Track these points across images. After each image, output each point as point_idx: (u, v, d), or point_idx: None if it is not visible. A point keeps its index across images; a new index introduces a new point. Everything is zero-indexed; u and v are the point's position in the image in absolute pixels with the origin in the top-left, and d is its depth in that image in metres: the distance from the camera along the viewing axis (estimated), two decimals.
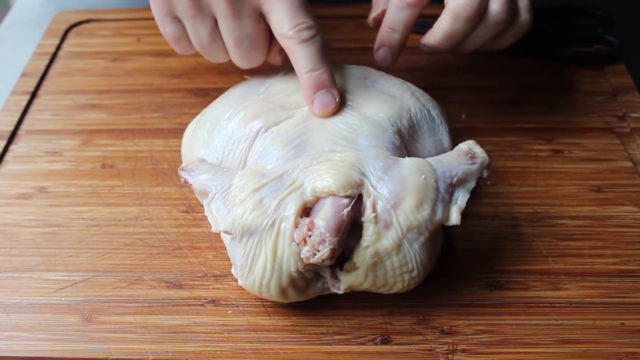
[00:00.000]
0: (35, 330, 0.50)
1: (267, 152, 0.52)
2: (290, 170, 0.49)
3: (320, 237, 0.46)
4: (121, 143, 0.65)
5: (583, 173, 0.61)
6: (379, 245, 0.47)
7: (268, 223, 0.47)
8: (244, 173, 0.50)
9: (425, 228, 0.48)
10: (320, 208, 0.47)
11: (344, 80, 0.57)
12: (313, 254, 0.46)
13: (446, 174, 0.50)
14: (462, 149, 0.52)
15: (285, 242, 0.47)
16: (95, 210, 0.59)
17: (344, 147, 0.51)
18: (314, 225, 0.46)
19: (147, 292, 0.52)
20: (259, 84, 0.59)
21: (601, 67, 0.72)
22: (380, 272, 0.48)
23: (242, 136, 0.55)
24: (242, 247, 0.48)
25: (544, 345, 0.49)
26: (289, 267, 0.47)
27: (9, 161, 0.64)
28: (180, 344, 0.49)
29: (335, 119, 0.53)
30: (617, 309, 0.51)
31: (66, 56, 0.77)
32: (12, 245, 0.56)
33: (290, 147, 0.52)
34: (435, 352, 0.48)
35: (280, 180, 0.49)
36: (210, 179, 0.51)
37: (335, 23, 0.80)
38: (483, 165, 0.51)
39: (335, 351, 0.48)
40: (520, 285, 0.52)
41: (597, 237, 0.56)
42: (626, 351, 0.48)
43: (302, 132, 0.53)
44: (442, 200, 0.49)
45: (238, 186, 0.49)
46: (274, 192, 0.48)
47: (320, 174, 0.48)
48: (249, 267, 0.48)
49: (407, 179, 0.48)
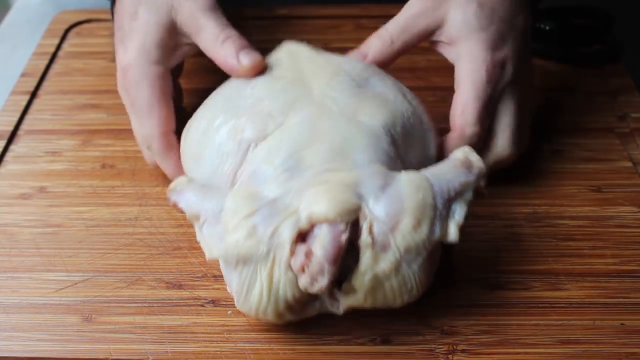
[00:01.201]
0: (35, 331, 0.50)
1: (259, 171, 0.50)
2: (284, 194, 0.48)
3: (319, 267, 0.45)
4: (121, 143, 0.65)
5: (583, 173, 0.61)
6: (377, 269, 0.46)
7: (263, 251, 0.46)
8: (235, 196, 0.48)
9: (423, 248, 0.47)
10: (316, 234, 0.46)
11: (334, 78, 0.55)
12: (312, 283, 0.45)
13: (444, 189, 0.49)
14: (459, 158, 0.51)
15: (281, 271, 0.46)
16: (95, 210, 0.59)
17: (340, 164, 0.49)
18: (312, 253, 0.45)
19: (147, 292, 0.52)
20: (244, 84, 0.56)
21: (601, 67, 0.72)
22: (379, 294, 0.47)
23: (231, 150, 0.53)
24: (237, 275, 0.47)
25: (544, 345, 0.49)
26: (285, 294, 0.46)
27: (9, 161, 0.64)
28: (180, 344, 0.49)
29: (329, 128, 0.51)
30: (617, 309, 0.51)
31: (66, 56, 0.77)
32: (11, 246, 0.56)
33: (284, 167, 0.49)
34: (435, 352, 0.48)
35: (274, 205, 0.47)
36: (200, 202, 0.49)
37: (335, 23, 0.80)
38: (480, 175, 0.50)
39: (335, 351, 0.48)
40: (520, 285, 0.52)
41: (597, 237, 0.56)
42: (626, 351, 0.48)
43: (295, 148, 0.50)
44: (440, 217, 0.48)
45: (230, 211, 0.47)
46: (268, 219, 0.46)
47: (317, 198, 0.46)
48: (245, 294, 0.47)
49: (405, 198, 0.47)
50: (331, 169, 0.49)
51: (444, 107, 0.59)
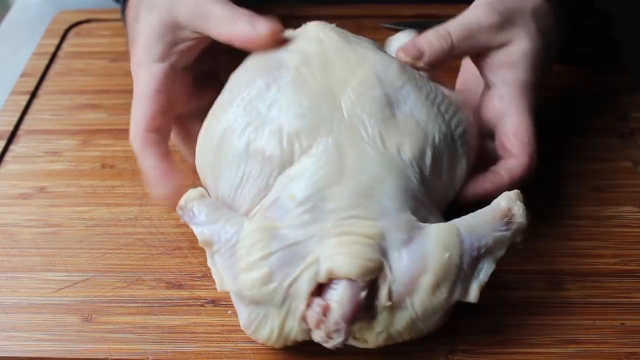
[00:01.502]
0: (35, 331, 0.50)
1: (281, 204, 0.47)
2: (304, 239, 0.46)
3: (335, 326, 0.44)
4: (121, 143, 0.65)
5: (583, 173, 0.61)
6: (393, 329, 0.45)
7: (278, 301, 0.45)
8: (252, 229, 0.46)
9: (440, 309, 0.46)
10: (334, 288, 0.45)
11: (365, 91, 0.50)
12: (326, 340, 0.45)
13: (474, 245, 0.46)
14: (501, 208, 0.47)
15: (294, 322, 0.45)
16: (95, 210, 0.59)
17: (366, 210, 0.46)
18: (329, 309, 0.44)
19: (147, 292, 0.52)
20: (266, 85, 0.51)
21: (601, 67, 0.72)
22: (390, 343, 0.47)
23: (252, 172, 0.49)
24: (247, 312, 0.46)
25: (544, 345, 0.49)
26: (295, 339, 0.46)
27: (9, 161, 0.64)
28: (180, 344, 0.49)
29: (357, 162, 0.48)
30: (617, 309, 0.51)
31: (66, 56, 0.77)
32: (11, 246, 0.56)
33: (306, 206, 0.47)
34: (435, 352, 0.48)
35: (294, 250, 0.45)
36: (214, 228, 0.47)
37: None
38: (519, 231, 0.47)
39: (336, 351, 0.48)
40: (520, 285, 0.52)
41: (597, 237, 0.56)
42: (626, 351, 0.48)
43: (320, 184, 0.47)
44: (463, 278, 0.46)
45: (246, 246, 0.45)
46: (286, 267, 0.45)
47: (339, 251, 0.45)
48: (253, 330, 0.46)
49: (429, 257, 0.45)
50: (356, 215, 0.46)
51: None
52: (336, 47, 0.53)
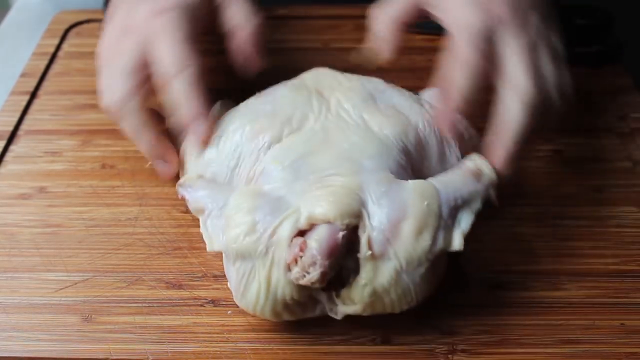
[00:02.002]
0: (35, 331, 0.50)
1: (267, 171, 0.51)
2: (287, 194, 0.48)
3: (311, 259, 0.44)
4: (121, 143, 0.65)
5: (583, 173, 0.61)
6: (377, 283, 0.46)
7: (262, 251, 0.46)
8: (240, 193, 0.49)
9: (425, 259, 0.46)
10: (314, 230, 0.46)
11: (349, 91, 0.56)
12: (302, 275, 0.45)
13: (450, 197, 0.48)
14: (468, 167, 0.51)
15: (280, 272, 0.46)
16: (95, 210, 0.59)
17: (346, 169, 0.49)
18: (306, 245, 0.45)
19: (146, 292, 0.52)
20: (267, 92, 0.58)
21: (601, 67, 0.72)
22: (378, 305, 0.47)
23: (247, 151, 0.53)
24: (235, 270, 0.47)
25: (543, 345, 0.49)
26: (283, 296, 0.46)
27: (9, 161, 0.64)
28: (180, 344, 0.49)
29: (339, 136, 0.52)
30: (617, 309, 0.51)
31: (66, 56, 0.77)
32: (11, 246, 0.56)
33: (290, 169, 0.50)
34: (435, 352, 0.48)
35: (277, 203, 0.47)
36: (207, 196, 0.51)
37: (335, 23, 0.80)
38: (490, 185, 0.50)
39: (335, 351, 0.48)
40: (520, 285, 0.52)
41: (597, 237, 0.56)
42: (626, 351, 0.48)
43: (304, 152, 0.51)
44: (444, 226, 0.47)
45: (233, 206, 0.48)
46: (268, 217, 0.47)
47: (318, 200, 0.46)
48: (242, 291, 0.47)
49: (408, 205, 0.47)
50: (337, 173, 0.49)
51: None
52: (328, 74, 0.59)
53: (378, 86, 0.57)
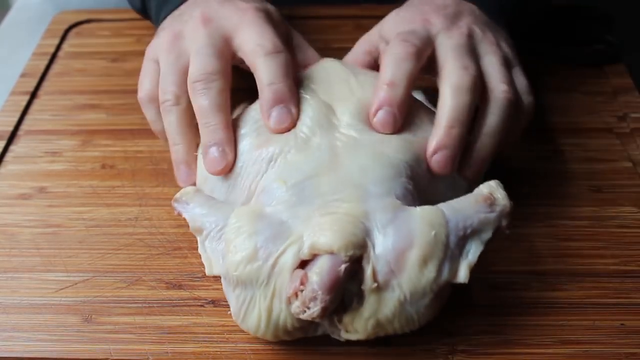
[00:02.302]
0: (35, 331, 0.50)
1: (270, 189, 0.49)
2: (289, 219, 0.46)
3: (312, 294, 0.43)
4: (121, 143, 0.65)
5: (583, 173, 0.61)
6: (381, 315, 0.45)
7: (263, 281, 0.45)
8: (240, 213, 0.47)
9: (429, 290, 0.45)
10: (316, 261, 0.45)
11: (361, 105, 0.53)
12: (303, 310, 0.44)
13: (459, 225, 0.46)
14: (482, 193, 0.48)
15: (282, 305, 0.45)
16: (95, 210, 0.59)
17: (351, 194, 0.47)
18: (307, 279, 0.44)
19: (146, 292, 0.52)
20: None
21: (601, 67, 0.72)
22: (381, 333, 0.46)
23: (248, 161, 0.51)
24: (235, 297, 0.46)
25: (543, 345, 0.49)
26: (284, 325, 0.46)
27: (9, 161, 0.64)
28: (180, 344, 0.49)
29: (348, 157, 0.49)
30: (617, 310, 0.51)
31: (66, 56, 0.77)
32: (11, 246, 0.56)
33: (294, 190, 0.48)
34: (435, 352, 0.48)
35: (279, 229, 0.46)
36: (205, 215, 0.49)
37: (335, 23, 0.80)
38: (503, 214, 0.47)
39: (335, 351, 0.48)
40: (520, 286, 0.52)
41: (597, 237, 0.56)
42: (626, 352, 0.48)
43: (310, 173, 0.49)
44: (451, 256, 0.46)
45: (233, 228, 0.46)
46: (270, 244, 0.45)
47: (322, 228, 0.45)
48: (243, 317, 0.46)
49: (415, 234, 0.45)
50: (342, 199, 0.47)
51: None
52: (338, 73, 0.56)
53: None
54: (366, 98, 0.53)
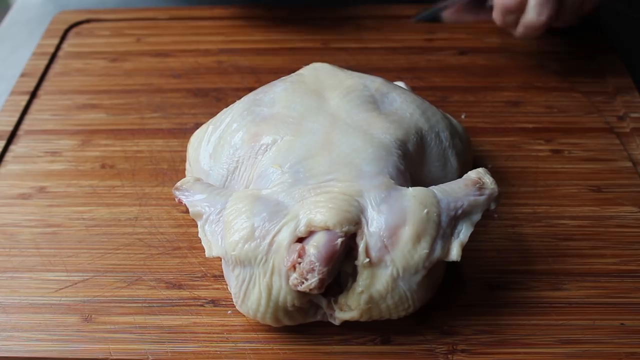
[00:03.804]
0: (35, 331, 0.50)
1: (266, 174, 0.50)
2: (285, 199, 0.48)
3: (309, 266, 0.44)
4: (121, 143, 0.65)
5: (583, 173, 0.61)
6: (374, 290, 0.46)
7: (262, 259, 0.46)
8: (237, 196, 0.49)
9: (422, 267, 0.46)
10: (313, 236, 0.46)
11: (350, 92, 0.55)
12: (301, 282, 0.45)
13: (450, 206, 0.48)
14: (471, 178, 0.50)
15: (281, 280, 0.46)
16: (95, 210, 0.59)
17: (345, 174, 0.49)
18: (304, 252, 0.45)
19: (146, 292, 0.52)
20: (262, 93, 0.57)
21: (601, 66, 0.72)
22: (375, 312, 0.47)
23: (245, 154, 0.53)
24: (235, 277, 0.47)
25: (543, 345, 0.49)
26: (284, 303, 0.46)
27: (9, 161, 0.64)
28: (180, 344, 0.49)
29: (339, 138, 0.51)
30: (617, 309, 0.51)
31: (66, 56, 0.77)
32: (11, 246, 0.56)
33: (290, 172, 0.49)
34: (435, 352, 0.48)
35: (275, 209, 0.47)
36: (204, 200, 0.50)
37: (336, 24, 0.80)
38: (491, 197, 0.49)
39: (335, 351, 0.48)
40: (520, 285, 0.52)
41: (597, 237, 0.56)
42: (626, 351, 0.48)
43: (303, 155, 0.50)
44: (443, 235, 0.47)
45: (231, 210, 0.48)
46: (267, 223, 0.46)
47: (317, 206, 0.46)
48: (242, 297, 0.47)
49: (408, 212, 0.46)
50: (336, 178, 0.48)
51: (444, 106, 0.59)
52: (328, 70, 0.58)
53: (381, 88, 0.56)
54: (355, 84, 0.56)
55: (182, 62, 0.74)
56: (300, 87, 0.56)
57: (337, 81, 0.57)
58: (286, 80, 0.58)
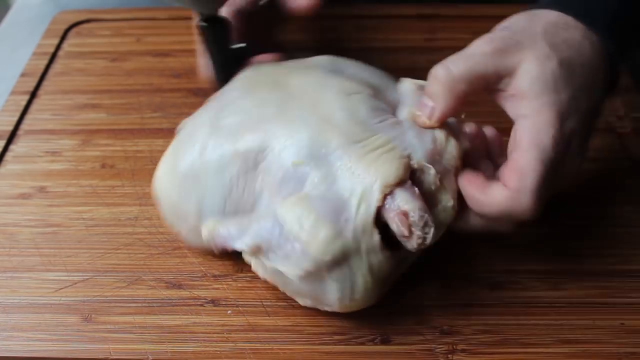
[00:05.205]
0: (35, 330, 0.50)
1: (291, 175, 0.48)
2: (331, 186, 0.47)
3: (422, 221, 0.45)
4: (121, 143, 0.65)
5: (583, 172, 0.61)
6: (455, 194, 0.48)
7: (354, 246, 0.45)
8: (288, 207, 0.46)
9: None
10: (392, 200, 0.46)
11: (309, 72, 0.54)
12: (424, 237, 0.46)
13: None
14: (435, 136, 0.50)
15: (377, 255, 0.46)
16: (95, 210, 0.59)
17: (361, 133, 0.48)
18: (406, 212, 0.45)
19: (146, 292, 0.52)
20: (220, 108, 0.53)
21: None
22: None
23: (239, 170, 0.50)
24: (334, 281, 0.46)
25: (543, 345, 0.49)
26: (388, 274, 0.47)
27: (9, 161, 0.64)
28: (180, 344, 0.49)
29: (328, 108, 0.50)
30: (617, 309, 0.51)
31: (66, 56, 0.77)
32: (11, 245, 0.56)
33: (312, 160, 0.48)
34: (435, 352, 0.48)
35: (332, 198, 0.46)
36: (252, 233, 0.48)
37: (335, 24, 0.80)
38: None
39: (335, 351, 0.48)
40: (520, 285, 0.52)
41: (597, 237, 0.56)
42: (626, 351, 0.48)
43: (310, 138, 0.48)
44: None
45: (294, 221, 0.46)
46: (340, 215, 0.45)
47: (375, 170, 0.46)
48: (350, 294, 0.47)
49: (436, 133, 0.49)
50: (357, 141, 0.48)
51: None
52: (268, 67, 0.57)
53: (332, 62, 0.56)
54: (304, 63, 0.56)
55: (182, 62, 0.74)
56: (255, 85, 0.54)
57: (287, 68, 0.55)
58: (235, 84, 0.55)
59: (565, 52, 0.49)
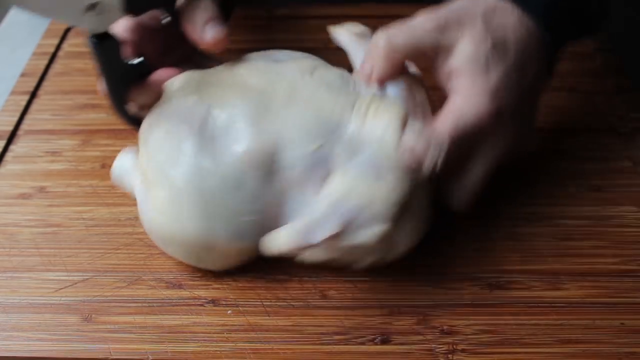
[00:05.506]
0: (35, 330, 0.50)
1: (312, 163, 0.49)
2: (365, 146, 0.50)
3: (437, 141, 0.49)
4: (121, 143, 0.65)
5: (583, 173, 0.61)
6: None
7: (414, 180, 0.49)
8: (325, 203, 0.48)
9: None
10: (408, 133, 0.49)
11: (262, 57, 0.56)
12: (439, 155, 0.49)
13: None
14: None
15: (425, 187, 0.51)
16: (95, 210, 0.59)
17: (350, 95, 0.51)
18: (428, 140, 0.49)
19: (146, 292, 0.52)
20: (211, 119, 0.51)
21: (601, 66, 0.72)
22: None
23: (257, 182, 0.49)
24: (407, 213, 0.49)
25: (543, 345, 0.49)
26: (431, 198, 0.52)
27: (9, 161, 0.64)
28: (180, 344, 0.49)
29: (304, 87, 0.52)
30: (617, 309, 0.51)
31: (66, 56, 0.77)
32: (11, 245, 0.56)
33: (328, 140, 0.49)
34: (435, 352, 0.48)
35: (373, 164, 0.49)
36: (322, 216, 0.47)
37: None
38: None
39: (335, 351, 0.48)
40: (520, 285, 0.52)
41: (597, 237, 0.56)
42: (626, 351, 0.48)
43: (313, 122, 0.50)
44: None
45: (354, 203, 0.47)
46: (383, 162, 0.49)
47: (379, 120, 0.50)
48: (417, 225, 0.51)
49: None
50: (351, 106, 0.51)
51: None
52: (206, 74, 0.55)
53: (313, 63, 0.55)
54: (256, 57, 0.56)
55: None
56: (214, 95, 0.52)
57: (229, 71, 0.55)
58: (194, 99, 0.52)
59: (499, 34, 0.52)
